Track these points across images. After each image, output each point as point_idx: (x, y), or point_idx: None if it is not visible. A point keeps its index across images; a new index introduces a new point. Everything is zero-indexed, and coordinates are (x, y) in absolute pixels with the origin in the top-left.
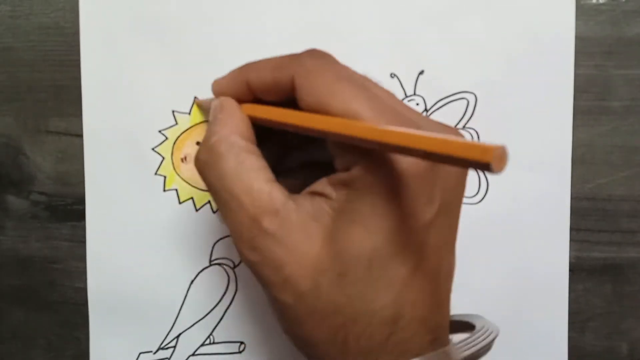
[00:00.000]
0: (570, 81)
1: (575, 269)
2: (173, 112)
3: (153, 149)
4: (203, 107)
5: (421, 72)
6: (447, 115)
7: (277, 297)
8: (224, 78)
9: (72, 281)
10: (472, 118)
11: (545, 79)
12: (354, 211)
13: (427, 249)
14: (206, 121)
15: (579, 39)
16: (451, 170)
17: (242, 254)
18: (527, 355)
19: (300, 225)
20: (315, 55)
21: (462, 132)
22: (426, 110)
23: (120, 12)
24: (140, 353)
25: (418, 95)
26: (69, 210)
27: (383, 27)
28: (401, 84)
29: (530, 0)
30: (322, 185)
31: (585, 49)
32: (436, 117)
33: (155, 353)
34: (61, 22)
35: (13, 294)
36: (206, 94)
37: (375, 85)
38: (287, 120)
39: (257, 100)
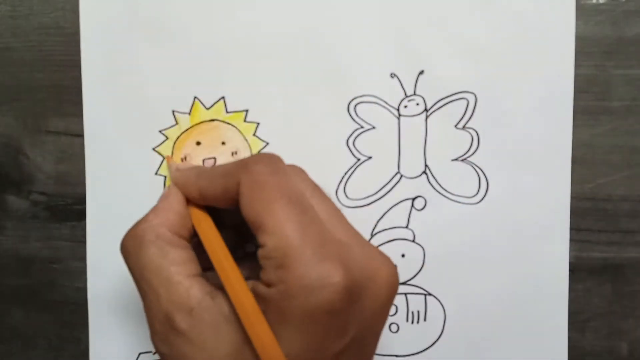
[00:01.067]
0: (570, 81)
1: (575, 269)
2: (173, 112)
3: (153, 149)
4: (169, 168)
5: (421, 72)
6: (447, 116)
7: None
8: (182, 172)
9: (72, 281)
10: (472, 118)
11: (545, 79)
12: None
13: None
14: (212, 120)
15: (579, 39)
16: (372, 304)
17: (154, 344)
18: (527, 355)
19: (212, 326)
20: (264, 161)
21: (463, 132)
22: (426, 110)
23: (120, 12)
24: (140, 353)
25: (418, 95)
26: (69, 210)
27: (383, 27)
28: (401, 84)
29: (530, 0)
30: (250, 286)
31: (585, 49)
32: (436, 117)
33: (155, 353)
34: (61, 22)
35: (13, 294)
36: (206, 94)
37: (322, 199)
38: (211, 257)
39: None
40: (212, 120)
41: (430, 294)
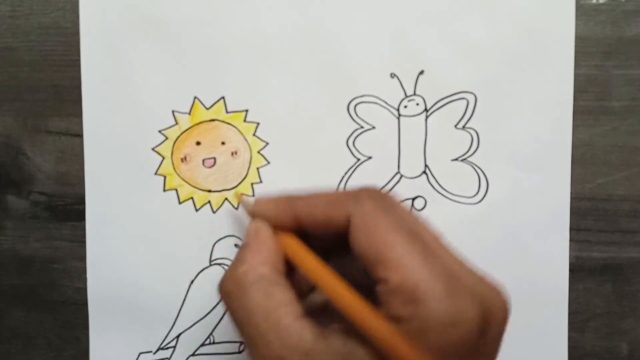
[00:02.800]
0: (570, 81)
1: (575, 269)
2: (173, 112)
3: (153, 149)
4: (241, 203)
5: (421, 72)
6: (447, 116)
7: None
8: (268, 202)
9: (72, 281)
10: (472, 118)
11: (545, 79)
12: None
13: None
14: (212, 120)
15: (579, 39)
16: (494, 332)
17: None
18: (527, 355)
19: None
20: (373, 196)
21: (463, 132)
22: (426, 110)
23: (120, 12)
24: (140, 353)
25: (418, 95)
26: (69, 210)
27: (383, 27)
28: (401, 84)
29: (530, 0)
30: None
31: (585, 49)
32: (436, 117)
33: (155, 353)
34: (61, 22)
35: (13, 294)
36: (206, 94)
37: (427, 229)
38: (321, 285)
39: (301, 231)
40: (212, 120)
41: None
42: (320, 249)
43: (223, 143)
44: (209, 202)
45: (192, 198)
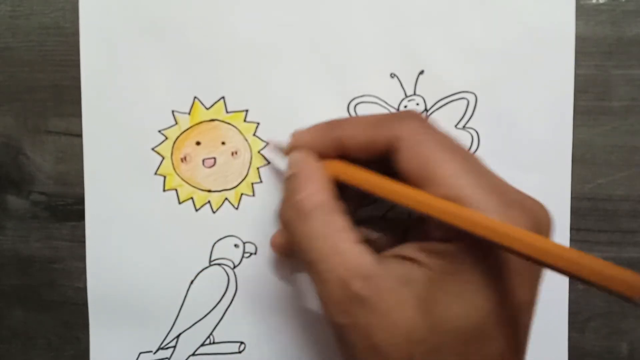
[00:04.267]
0: (570, 81)
1: None
2: (173, 112)
3: (153, 149)
4: (275, 148)
5: (421, 72)
6: (447, 116)
7: None
8: (307, 131)
9: (72, 281)
10: (472, 118)
11: (545, 79)
12: (452, 284)
13: (520, 328)
14: (212, 120)
15: (579, 39)
16: None
17: (331, 316)
18: (527, 355)
19: (391, 291)
20: (417, 117)
21: (463, 132)
22: (426, 110)
23: (120, 12)
24: (140, 353)
25: (418, 95)
26: (69, 210)
27: (383, 27)
28: (401, 84)
29: (530, 0)
30: (412, 250)
31: (585, 49)
32: (436, 117)
33: (155, 353)
34: (61, 22)
35: (13, 294)
36: (206, 94)
37: (466, 149)
38: (383, 194)
39: (341, 157)
40: (212, 120)
41: None
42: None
43: (223, 143)
44: (209, 202)
45: (192, 198)
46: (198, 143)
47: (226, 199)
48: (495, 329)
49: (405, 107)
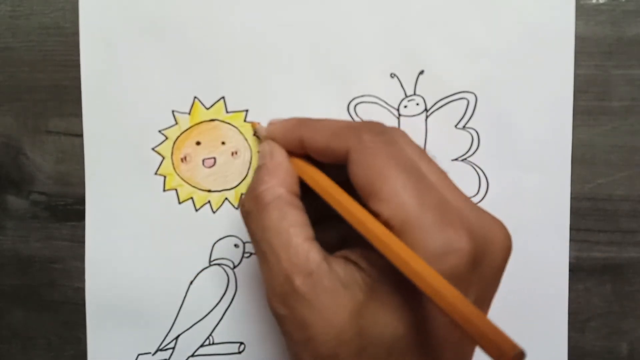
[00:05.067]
0: (570, 81)
1: (575, 269)
2: (173, 112)
3: (153, 149)
4: (256, 131)
5: (421, 72)
6: (447, 116)
7: (298, 354)
8: (281, 123)
9: (72, 281)
10: (472, 118)
11: (545, 79)
12: (384, 294)
13: (448, 344)
14: (212, 120)
15: (579, 39)
16: (490, 268)
17: (271, 306)
18: (527, 355)
19: (331, 291)
20: (374, 130)
21: (463, 132)
22: (426, 110)
23: (120, 12)
24: (139, 354)
25: (418, 95)
26: (69, 210)
27: (383, 27)
28: (401, 84)
29: (530, 0)
30: (357, 255)
31: (585, 49)
32: (436, 117)
33: (154, 354)
34: (61, 22)
35: (13, 294)
36: (206, 94)
37: (429, 164)
38: (331, 203)
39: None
40: (212, 120)
41: None
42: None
43: (223, 143)
44: (209, 202)
45: (192, 198)
46: (198, 143)
47: (226, 199)
48: (418, 343)
49: (405, 107)
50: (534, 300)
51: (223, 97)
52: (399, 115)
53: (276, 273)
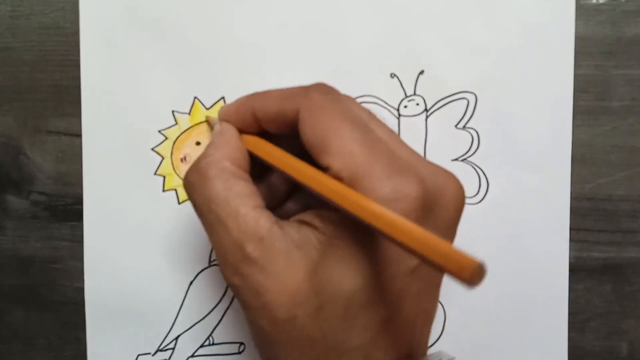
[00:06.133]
0: (570, 81)
1: (575, 269)
2: (173, 112)
3: (153, 149)
4: (210, 125)
5: (421, 72)
6: (447, 116)
7: (255, 322)
8: (230, 105)
9: (72, 281)
10: (472, 118)
11: (545, 79)
12: (339, 249)
13: (407, 296)
14: (204, 122)
15: (579, 39)
16: (442, 219)
17: (225, 277)
18: (527, 355)
19: (283, 253)
20: (322, 89)
21: (463, 132)
22: (426, 110)
23: (120, 12)
24: (138, 355)
25: (418, 95)
26: (69, 210)
27: (383, 27)
28: (401, 84)
29: (530, 0)
30: (311, 216)
31: (585, 49)
32: (436, 117)
33: (154, 355)
34: (61, 22)
35: (13, 294)
36: (206, 94)
37: (379, 124)
38: (283, 168)
39: (263, 132)
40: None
41: None
42: None
43: None
44: None
45: None
46: (198, 143)
47: None
48: (375, 296)
49: (406, 107)
50: (534, 300)
51: (223, 97)
52: (399, 115)
53: (226, 243)
